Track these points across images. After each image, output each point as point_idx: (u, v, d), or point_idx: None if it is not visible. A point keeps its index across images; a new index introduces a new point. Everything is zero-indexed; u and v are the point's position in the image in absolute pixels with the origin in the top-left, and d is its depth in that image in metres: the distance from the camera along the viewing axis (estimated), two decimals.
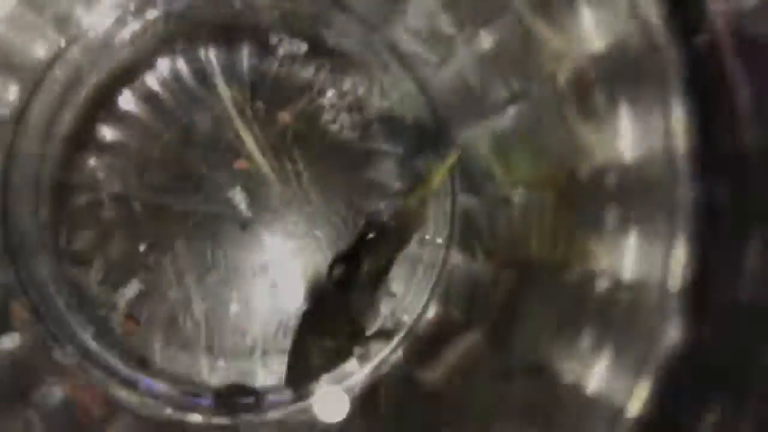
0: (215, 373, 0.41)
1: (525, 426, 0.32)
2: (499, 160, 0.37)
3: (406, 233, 0.39)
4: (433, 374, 0.39)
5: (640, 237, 0.29)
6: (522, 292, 0.36)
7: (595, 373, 0.29)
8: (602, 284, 0.30)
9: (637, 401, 0.26)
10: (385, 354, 0.42)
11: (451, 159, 0.40)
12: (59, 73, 0.40)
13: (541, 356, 0.34)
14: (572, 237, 0.33)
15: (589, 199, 0.32)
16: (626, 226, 0.29)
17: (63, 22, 0.39)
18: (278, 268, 0.42)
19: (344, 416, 0.37)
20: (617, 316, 0.30)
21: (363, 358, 0.42)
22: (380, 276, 0.39)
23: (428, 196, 0.39)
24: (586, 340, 0.31)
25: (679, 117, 0.25)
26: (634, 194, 0.29)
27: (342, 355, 0.40)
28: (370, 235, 0.39)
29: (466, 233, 0.41)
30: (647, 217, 0.28)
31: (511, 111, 0.35)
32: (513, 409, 0.33)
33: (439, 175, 0.39)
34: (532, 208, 0.35)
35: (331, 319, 0.39)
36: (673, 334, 0.26)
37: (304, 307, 0.41)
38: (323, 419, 0.37)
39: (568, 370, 0.31)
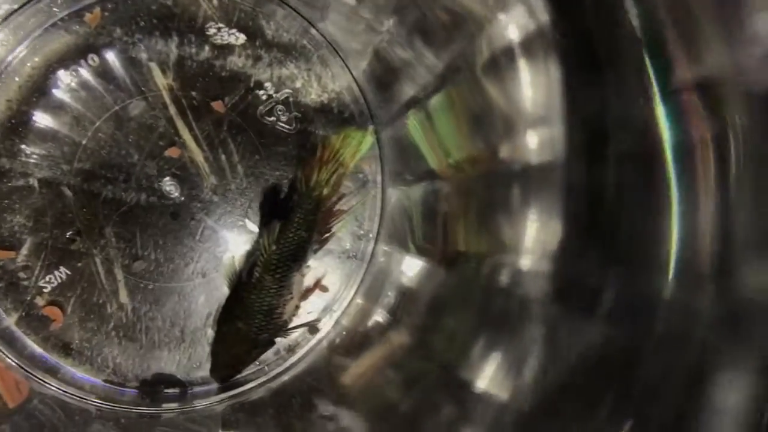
0: (141, 364, 0.41)
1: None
2: (429, 141, 0.37)
3: (317, 217, 0.38)
4: (352, 373, 0.38)
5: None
6: (447, 292, 0.35)
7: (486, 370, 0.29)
8: (505, 274, 0.30)
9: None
10: (310, 346, 0.41)
11: (359, 134, 0.39)
12: None
13: (454, 355, 0.33)
14: (493, 223, 0.33)
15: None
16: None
17: None
18: (209, 258, 0.42)
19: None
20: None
21: (289, 349, 0.41)
22: (291, 263, 0.38)
23: (340, 176, 0.38)
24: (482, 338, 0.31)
25: None
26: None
27: (263, 346, 0.39)
28: (273, 221, 0.39)
29: (397, 227, 0.41)
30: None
31: (437, 92, 0.35)
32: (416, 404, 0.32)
33: (348, 149, 0.38)
34: (461, 194, 0.34)
35: (249, 309, 0.38)
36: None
37: (226, 298, 0.41)
38: None
39: (466, 366, 0.31)
